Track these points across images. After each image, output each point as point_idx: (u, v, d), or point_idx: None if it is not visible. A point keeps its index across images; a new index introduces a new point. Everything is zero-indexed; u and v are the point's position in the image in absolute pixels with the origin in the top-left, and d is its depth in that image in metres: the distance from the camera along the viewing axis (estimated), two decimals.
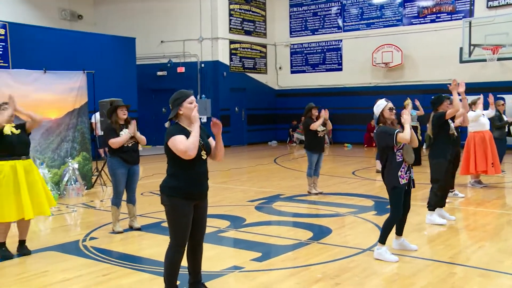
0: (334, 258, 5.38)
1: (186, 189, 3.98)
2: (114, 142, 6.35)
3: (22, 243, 5.79)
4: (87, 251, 5.83)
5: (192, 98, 4.02)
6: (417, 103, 11.96)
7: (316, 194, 9.14)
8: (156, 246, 5.95)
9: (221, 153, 4.20)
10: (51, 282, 4.85)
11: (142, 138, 6.67)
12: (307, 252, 5.68)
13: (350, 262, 5.24)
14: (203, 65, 19.13)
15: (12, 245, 5.77)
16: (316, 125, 8.87)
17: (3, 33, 13.85)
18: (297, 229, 6.76)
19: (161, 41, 19.36)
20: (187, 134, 3.96)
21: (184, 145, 3.83)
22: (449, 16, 17.54)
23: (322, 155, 9.29)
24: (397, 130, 5.10)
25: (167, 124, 4.07)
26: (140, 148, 6.80)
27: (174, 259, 4.06)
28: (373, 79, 19.18)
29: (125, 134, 6.42)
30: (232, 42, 19.62)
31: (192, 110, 3.97)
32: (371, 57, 18.73)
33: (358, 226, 6.82)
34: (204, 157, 4.06)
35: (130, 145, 6.50)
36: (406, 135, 5.03)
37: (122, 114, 6.51)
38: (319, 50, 20.60)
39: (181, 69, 19.17)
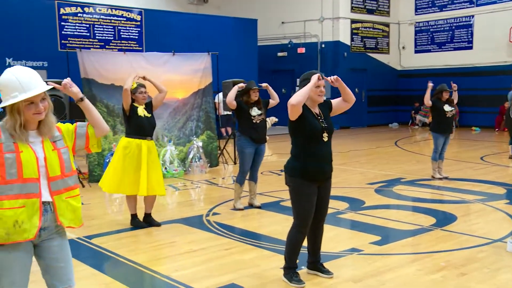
0: (460, 246, 5.10)
1: (308, 170, 3.97)
2: (228, 97, 6.61)
3: (147, 215, 6.20)
4: (210, 225, 6.10)
5: (321, 81, 3.99)
6: None
7: (441, 179, 8.70)
8: (275, 224, 6.07)
9: (350, 95, 4.17)
10: (178, 252, 5.15)
11: (274, 95, 7.10)
12: (429, 238, 5.44)
13: (478, 252, 4.93)
14: (323, 45, 18.95)
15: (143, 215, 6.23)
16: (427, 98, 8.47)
17: (139, 19, 14.86)
18: (419, 214, 6.50)
19: (282, 22, 19.49)
20: (310, 113, 3.97)
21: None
22: None
23: (449, 138, 8.80)
24: None
25: None
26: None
27: (296, 238, 4.10)
28: (509, 57, 17.64)
29: (255, 112, 6.64)
30: (353, 21, 19.17)
31: (317, 92, 3.98)
32: (508, 33, 17.22)
33: (487, 215, 6.38)
34: (326, 139, 4.02)
35: (258, 121, 6.67)
36: None
37: (254, 96, 6.70)
38: (447, 28, 19.38)
39: (302, 50, 19.17)
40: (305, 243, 4.24)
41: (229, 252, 5.08)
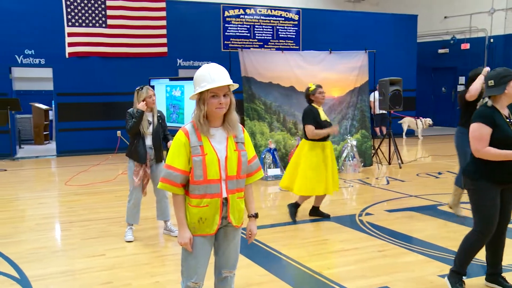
0: None
1: (492, 171, 3.66)
2: None
3: (315, 208, 6.43)
4: (362, 225, 6.02)
5: None
6: None
7: None
8: (431, 229, 5.79)
9: None
10: (331, 250, 5.18)
11: None
12: None
13: None
14: (492, 40, 17.48)
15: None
16: None
17: (296, 18, 15.19)
18: None
19: (445, 17, 18.40)
20: (501, 119, 3.65)
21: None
22: None
23: None
24: None
25: (489, 103, 3.71)
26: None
27: (473, 245, 3.80)
28: None
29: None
30: None
31: None
32: None
33: None
34: None
35: None
36: None
37: None
38: None
39: (465, 46, 17.92)
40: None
41: (383, 254, 4.97)
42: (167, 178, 2.78)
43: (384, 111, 12.56)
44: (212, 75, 2.71)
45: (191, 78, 10.77)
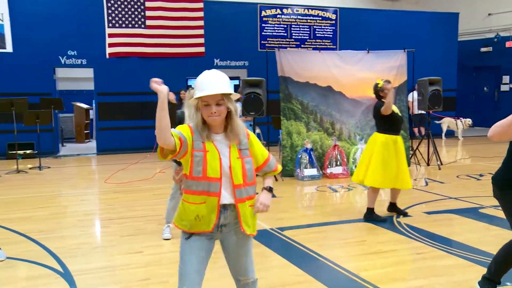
0: None
1: None
2: None
3: (393, 205, 6.46)
4: (400, 227, 5.93)
5: None
6: None
7: None
8: (471, 232, 5.65)
9: None
10: (368, 251, 5.12)
11: None
12: None
13: None
14: None
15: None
16: None
17: (333, 18, 15.09)
18: None
19: (488, 14, 17.92)
20: None
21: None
22: None
23: None
24: None
25: None
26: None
27: None
28: None
29: None
30: None
31: None
32: None
33: None
34: None
35: None
36: None
37: None
38: None
39: (510, 44, 17.40)
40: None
41: (421, 256, 4.88)
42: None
43: (422, 111, 12.34)
44: (204, 83, 2.66)
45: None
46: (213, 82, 2.66)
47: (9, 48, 12.35)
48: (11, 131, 10.62)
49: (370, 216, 6.24)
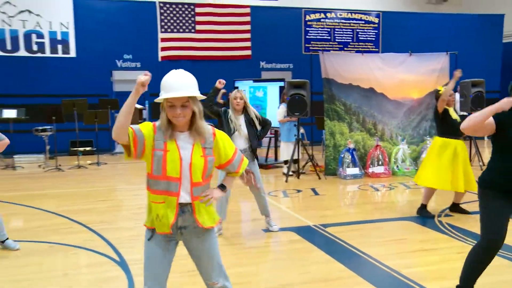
0: None
1: (500, 183, 3.46)
2: None
3: (455, 205, 6.70)
4: (442, 226, 6.00)
5: None
6: None
7: None
8: None
9: None
10: (409, 249, 5.21)
11: None
12: None
13: None
14: None
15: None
16: None
17: (376, 21, 15.32)
18: None
19: None
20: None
21: None
22: None
23: None
24: None
25: None
26: None
27: (477, 257, 3.65)
28: None
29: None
30: None
31: None
32: None
33: None
34: None
35: None
36: None
37: None
38: None
39: None
40: None
41: (462, 256, 4.60)
42: None
43: (465, 113, 12.41)
44: (170, 84, 2.63)
45: (273, 80, 11.58)
46: (180, 83, 2.63)
47: (72, 53, 13.25)
48: (73, 130, 11.38)
49: (421, 211, 6.56)
